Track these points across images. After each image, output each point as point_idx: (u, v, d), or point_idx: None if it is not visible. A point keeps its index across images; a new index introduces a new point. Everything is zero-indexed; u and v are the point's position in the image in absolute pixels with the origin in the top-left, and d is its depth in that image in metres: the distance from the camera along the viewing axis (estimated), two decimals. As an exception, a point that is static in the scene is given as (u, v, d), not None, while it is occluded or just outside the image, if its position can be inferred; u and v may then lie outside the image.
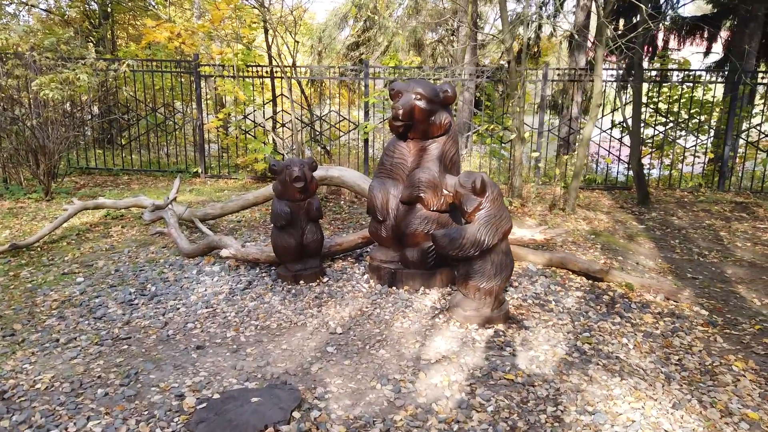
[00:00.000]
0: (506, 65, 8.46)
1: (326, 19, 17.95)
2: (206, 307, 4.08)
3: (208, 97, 10.96)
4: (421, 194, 4.20)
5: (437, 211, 4.25)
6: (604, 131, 9.34)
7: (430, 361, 3.27)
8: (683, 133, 9.44)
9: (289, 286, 4.48)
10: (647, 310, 4.15)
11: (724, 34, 12.82)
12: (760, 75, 9.37)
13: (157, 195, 7.90)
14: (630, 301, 4.30)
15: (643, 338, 3.66)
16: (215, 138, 10.70)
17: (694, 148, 9.33)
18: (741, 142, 9.50)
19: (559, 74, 9.77)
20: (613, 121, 9.57)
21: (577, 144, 10.02)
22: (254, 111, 9.33)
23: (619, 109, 8.76)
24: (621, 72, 9.18)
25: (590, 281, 4.74)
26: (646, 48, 11.63)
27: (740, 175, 9.66)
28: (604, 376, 3.12)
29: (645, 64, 10.28)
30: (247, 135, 9.59)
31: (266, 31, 9.51)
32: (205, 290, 4.42)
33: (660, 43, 13.10)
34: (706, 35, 12.78)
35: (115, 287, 4.53)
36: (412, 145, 4.38)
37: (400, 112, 4.18)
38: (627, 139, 8.98)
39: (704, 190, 9.05)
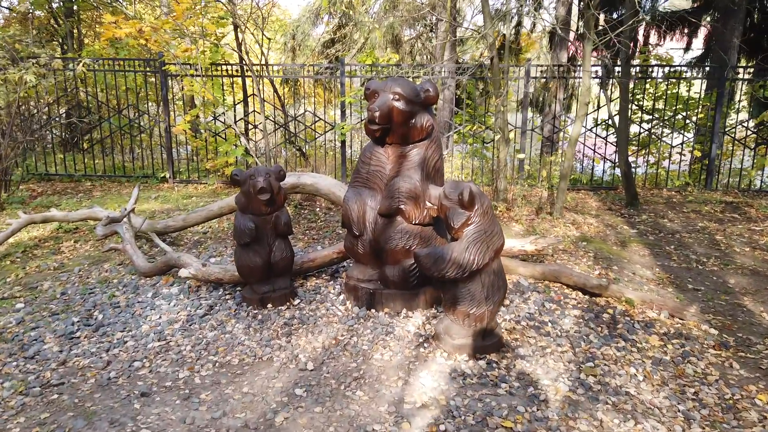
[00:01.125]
0: (487, 62, 8.06)
1: (299, 15, 17.36)
2: (158, 340, 3.57)
3: (177, 97, 10.32)
4: (402, 206, 3.75)
5: (419, 224, 3.81)
6: (590, 129, 8.99)
7: (415, 405, 2.82)
8: (668, 130, 9.15)
9: (255, 311, 3.99)
10: (652, 330, 3.77)
11: (704, 29, 12.63)
12: (743, 69, 9.11)
13: (120, 203, 7.31)
14: (632, 320, 3.91)
15: (652, 366, 3.26)
16: (185, 140, 10.09)
17: (680, 145, 9.04)
18: (725, 138, 9.25)
19: (542, 71, 9.41)
20: (596, 119, 9.23)
21: (561, 143, 9.67)
22: (224, 112, 8.77)
23: (605, 107, 8.42)
24: (606, 67, 8.83)
25: (587, 296, 4.34)
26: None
27: (728, 172, 9.42)
28: (616, 420, 2.70)
29: (628, 60, 9.95)
30: (217, 137, 9.04)
31: (236, 28, 8.96)
32: (160, 318, 3.91)
33: (641, 38, 12.88)
34: (686, 31, 12.60)
35: (57, 315, 4.00)
36: (391, 151, 3.92)
37: (377, 114, 3.71)
38: (612, 137, 8.65)
39: (692, 189, 8.76)
